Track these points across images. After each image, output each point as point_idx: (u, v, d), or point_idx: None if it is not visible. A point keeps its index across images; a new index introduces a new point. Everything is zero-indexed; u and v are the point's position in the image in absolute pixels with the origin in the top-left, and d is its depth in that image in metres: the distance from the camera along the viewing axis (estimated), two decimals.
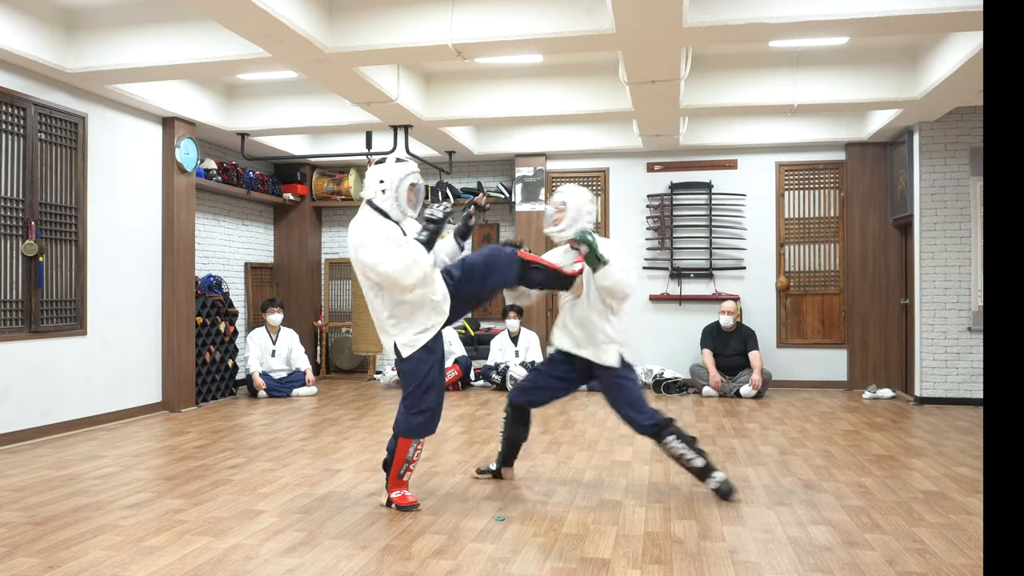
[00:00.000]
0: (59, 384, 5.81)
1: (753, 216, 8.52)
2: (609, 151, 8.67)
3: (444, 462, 4.78)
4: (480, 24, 4.99)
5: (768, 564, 3.00)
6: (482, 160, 9.16)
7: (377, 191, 3.75)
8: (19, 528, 3.47)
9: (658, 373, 8.10)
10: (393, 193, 3.73)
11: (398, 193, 3.74)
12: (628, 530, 3.42)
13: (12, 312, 5.44)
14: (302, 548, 3.18)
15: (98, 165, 6.23)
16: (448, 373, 8.19)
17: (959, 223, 7.19)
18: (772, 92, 6.53)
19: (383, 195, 3.74)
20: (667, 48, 5.11)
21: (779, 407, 7.04)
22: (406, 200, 3.76)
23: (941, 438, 5.57)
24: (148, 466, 4.76)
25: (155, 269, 6.89)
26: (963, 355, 7.15)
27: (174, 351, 6.92)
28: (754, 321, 8.33)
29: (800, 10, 4.68)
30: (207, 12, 4.50)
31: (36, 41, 5.33)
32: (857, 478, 4.37)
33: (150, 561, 3.03)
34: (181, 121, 7.01)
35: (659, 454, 4.99)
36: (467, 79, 7.01)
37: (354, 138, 8.50)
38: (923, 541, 3.27)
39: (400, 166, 3.79)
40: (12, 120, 5.45)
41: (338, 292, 9.70)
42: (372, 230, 3.68)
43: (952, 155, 7.21)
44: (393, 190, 3.73)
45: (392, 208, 3.75)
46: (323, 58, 5.22)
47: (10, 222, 5.43)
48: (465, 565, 2.98)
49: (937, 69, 5.89)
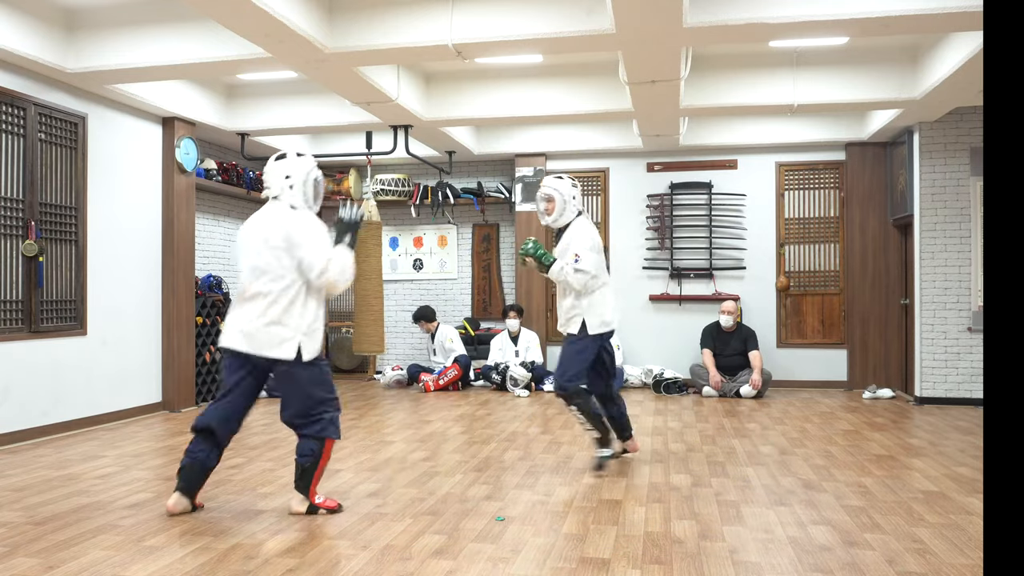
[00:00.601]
0: (59, 384, 5.81)
1: (753, 216, 8.52)
2: (609, 151, 8.67)
3: (444, 462, 4.78)
4: (480, 24, 4.99)
5: (768, 564, 3.00)
6: (482, 160, 9.17)
7: (284, 187, 3.65)
8: (19, 528, 3.47)
9: (658, 373, 8.11)
10: (301, 188, 3.66)
11: (305, 188, 3.68)
12: (628, 530, 3.41)
13: (12, 312, 5.44)
14: (302, 548, 3.18)
15: (98, 165, 6.23)
16: (448, 372, 8.20)
17: (959, 223, 7.19)
18: (772, 92, 6.53)
19: (291, 190, 3.65)
20: (667, 48, 5.11)
21: (779, 407, 7.04)
22: (312, 195, 3.71)
23: (941, 438, 5.57)
24: (148, 466, 4.76)
25: (155, 269, 6.89)
26: (963, 355, 7.15)
27: (174, 351, 6.92)
28: (754, 321, 8.33)
29: (800, 10, 4.68)
30: (207, 12, 4.50)
31: (36, 41, 5.33)
32: (857, 478, 4.37)
33: (150, 561, 3.03)
34: (181, 121, 7.01)
35: (659, 454, 5.00)
36: (467, 79, 7.01)
37: (354, 138, 8.50)
38: (923, 541, 3.27)
39: (305, 161, 3.72)
40: (12, 120, 5.45)
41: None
42: (316, 231, 3.58)
43: (952, 155, 7.21)
44: (301, 184, 3.66)
45: (300, 203, 3.66)
46: (323, 58, 5.22)
47: (10, 222, 5.43)
48: (465, 565, 2.98)
49: (937, 69, 5.89)
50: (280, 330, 3.51)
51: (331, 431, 3.63)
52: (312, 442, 3.60)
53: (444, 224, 9.31)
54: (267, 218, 3.63)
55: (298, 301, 3.55)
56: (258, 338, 3.52)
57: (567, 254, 4.50)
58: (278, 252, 3.53)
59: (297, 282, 3.54)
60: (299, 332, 3.54)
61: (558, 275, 4.51)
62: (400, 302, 9.44)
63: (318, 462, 3.62)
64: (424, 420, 6.38)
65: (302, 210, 3.65)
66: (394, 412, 6.87)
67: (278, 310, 3.51)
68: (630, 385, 8.31)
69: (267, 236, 3.55)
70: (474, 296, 9.27)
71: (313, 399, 3.60)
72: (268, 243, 3.54)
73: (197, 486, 3.66)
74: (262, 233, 3.58)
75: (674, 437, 5.59)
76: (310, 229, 3.57)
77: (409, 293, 9.45)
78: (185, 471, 3.63)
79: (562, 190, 4.58)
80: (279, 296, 3.52)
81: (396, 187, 9.05)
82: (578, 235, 4.54)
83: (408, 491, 4.09)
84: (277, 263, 3.52)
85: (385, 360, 9.31)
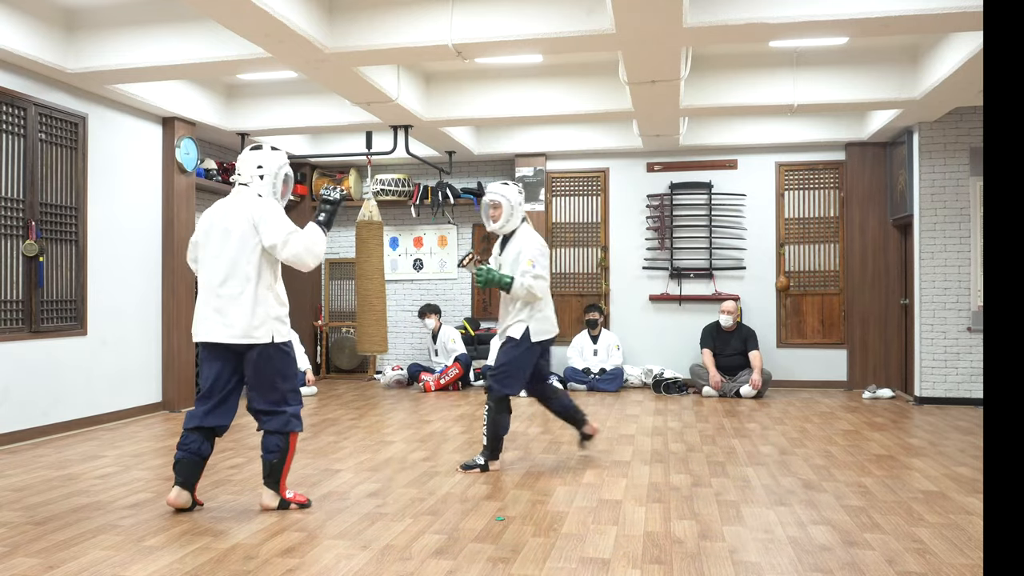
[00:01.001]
0: (59, 384, 5.81)
1: (753, 216, 8.52)
2: (609, 151, 8.67)
3: (444, 462, 4.78)
4: (480, 24, 4.99)
5: (768, 564, 3.00)
6: (482, 160, 9.17)
7: (255, 175, 3.69)
8: (19, 528, 3.47)
9: (658, 373, 8.11)
10: (271, 179, 3.71)
11: (276, 180, 3.72)
12: (628, 530, 3.42)
13: (12, 312, 5.44)
14: (302, 548, 3.18)
15: (98, 165, 6.23)
16: (450, 372, 8.20)
17: (959, 223, 7.19)
18: (772, 92, 6.53)
19: (261, 180, 3.69)
20: (667, 48, 5.11)
21: (779, 407, 7.04)
22: (280, 188, 3.75)
23: (941, 438, 5.57)
24: (148, 466, 4.76)
25: (155, 269, 6.90)
26: (963, 355, 7.15)
27: (174, 351, 6.92)
28: (754, 321, 8.33)
29: (800, 10, 4.68)
30: (207, 12, 4.50)
31: (36, 41, 5.33)
32: (857, 478, 4.37)
33: (150, 561, 3.03)
34: (181, 121, 7.01)
35: (659, 454, 5.00)
36: (467, 79, 7.01)
37: (354, 138, 8.50)
38: (923, 541, 3.27)
39: (279, 155, 3.77)
40: (12, 120, 5.45)
41: (338, 292, 9.70)
42: (278, 211, 3.64)
43: (952, 155, 7.21)
44: (272, 176, 3.71)
45: (268, 193, 3.70)
46: (323, 58, 5.22)
47: (10, 222, 5.43)
48: (465, 565, 2.98)
49: (937, 69, 5.89)
50: (253, 315, 3.56)
51: (294, 424, 3.70)
52: (276, 437, 3.66)
53: (444, 224, 9.31)
54: (233, 204, 3.67)
55: (267, 285, 3.60)
56: (234, 325, 3.56)
57: (520, 262, 4.48)
58: (245, 236, 3.57)
59: (266, 266, 3.61)
60: (269, 317, 3.59)
61: (520, 290, 4.43)
62: (400, 302, 9.44)
63: (285, 457, 3.68)
64: (424, 420, 6.38)
65: (268, 199, 3.69)
66: (394, 412, 6.87)
67: (249, 296, 3.56)
68: (630, 385, 8.31)
69: (234, 221, 3.60)
70: (474, 296, 9.27)
71: (278, 391, 3.66)
72: (235, 228, 3.58)
73: (195, 478, 3.69)
74: (228, 219, 3.62)
75: (674, 437, 5.59)
76: (272, 209, 3.63)
77: (409, 293, 9.44)
78: (180, 465, 3.65)
79: (509, 196, 4.59)
80: (249, 281, 3.57)
81: (396, 187, 9.05)
82: (527, 241, 4.55)
83: (408, 491, 4.09)
84: (244, 246, 3.57)
85: (385, 360, 9.31)
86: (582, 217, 8.90)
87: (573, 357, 8.37)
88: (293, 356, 3.76)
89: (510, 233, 4.64)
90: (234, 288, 3.57)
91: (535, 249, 4.52)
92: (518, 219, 4.62)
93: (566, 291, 8.87)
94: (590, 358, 8.32)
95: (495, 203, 4.59)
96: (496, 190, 4.63)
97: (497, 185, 4.67)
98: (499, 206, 4.58)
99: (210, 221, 3.67)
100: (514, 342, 4.51)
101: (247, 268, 3.57)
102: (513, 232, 4.64)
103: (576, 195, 8.92)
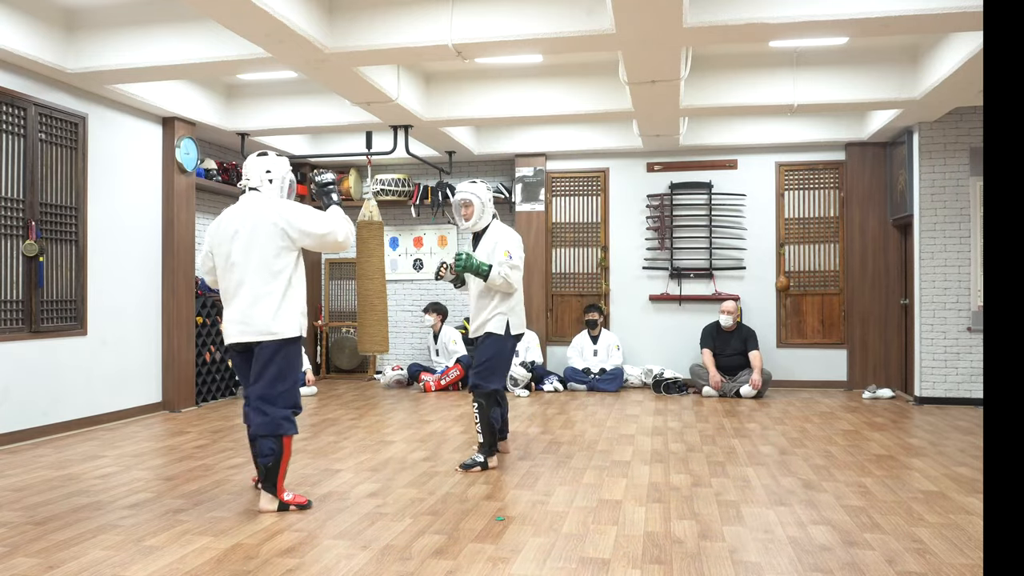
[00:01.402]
0: (59, 384, 5.81)
1: (753, 216, 8.52)
2: (609, 151, 8.67)
3: (444, 462, 4.78)
4: (480, 24, 4.99)
5: (768, 564, 3.00)
6: (482, 160, 9.16)
7: (264, 180, 3.79)
8: (19, 528, 3.48)
9: (658, 373, 8.11)
10: (279, 184, 3.82)
11: (283, 185, 3.83)
12: (628, 530, 3.42)
13: (12, 312, 5.44)
14: (302, 548, 3.18)
15: (98, 165, 6.23)
16: (450, 373, 8.20)
17: (959, 223, 7.19)
18: (772, 92, 6.53)
19: (270, 184, 3.80)
20: (667, 48, 5.11)
21: (779, 407, 7.04)
22: (286, 194, 3.85)
23: (941, 438, 5.57)
24: (148, 466, 4.76)
25: (155, 269, 6.90)
26: (963, 355, 7.15)
27: (174, 351, 6.92)
28: (754, 321, 8.33)
29: (800, 10, 4.68)
30: (207, 12, 4.50)
31: (36, 41, 5.33)
32: (857, 478, 4.37)
33: (150, 561, 3.03)
34: (181, 121, 7.01)
35: (659, 454, 5.00)
36: (467, 79, 7.01)
37: (354, 138, 8.50)
38: (923, 541, 3.27)
39: (285, 161, 3.90)
40: (12, 120, 5.45)
41: (338, 292, 9.70)
42: (303, 206, 3.77)
43: (952, 155, 7.21)
44: (280, 181, 3.82)
45: (277, 197, 3.81)
46: (323, 58, 5.22)
47: (10, 222, 5.43)
48: (465, 565, 2.98)
49: (937, 69, 5.89)
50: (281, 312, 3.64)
51: (287, 427, 3.71)
52: (270, 441, 3.67)
53: (444, 224, 9.30)
54: (250, 208, 3.72)
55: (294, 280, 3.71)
56: (258, 326, 3.63)
57: (496, 252, 4.60)
58: (272, 236, 3.64)
59: (292, 264, 3.70)
60: (297, 312, 3.69)
61: (498, 278, 4.53)
62: (400, 302, 9.44)
63: (280, 460, 3.69)
64: (424, 420, 6.38)
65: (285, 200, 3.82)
66: (394, 412, 6.87)
67: (277, 294, 3.64)
68: (630, 385, 8.31)
69: (257, 222, 3.66)
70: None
71: (276, 389, 3.69)
72: (260, 229, 3.64)
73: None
74: (248, 221, 3.67)
75: (674, 437, 5.59)
76: (299, 206, 3.77)
77: (409, 293, 9.44)
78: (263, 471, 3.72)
79: (479, 194, 4.72)
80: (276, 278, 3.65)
81: (396, 187, 9.05)
82: (502, 234, 4.70)
83: (408, 491, 4.09)
84: (269, 246, 3.64)
85: (385, 360, 9.31)
86: (582, 217, 8.90)
87: (573, 357, 8.38)
88: (301, 357, 3.82)
89: (482, 230, 4.77)
90: (260, 288, 3.64)
91: (511, 241, 4.66)
92: (489, 215, 4.76)
93: (566, 291, 8.87)
94: (590, 358, 8.32)
95: (466, 201, 4.71)
96: (466, 189, 4.74)
97: (466, 184, 4.78)
98: (470, 204, 4.70)
99: (226, 227, 3.72)
100: (495, 336, 4.59)
101: (275, 266, 3.65)
102: (485, 228, 4.76)
103: (576, 195, 8.92)
